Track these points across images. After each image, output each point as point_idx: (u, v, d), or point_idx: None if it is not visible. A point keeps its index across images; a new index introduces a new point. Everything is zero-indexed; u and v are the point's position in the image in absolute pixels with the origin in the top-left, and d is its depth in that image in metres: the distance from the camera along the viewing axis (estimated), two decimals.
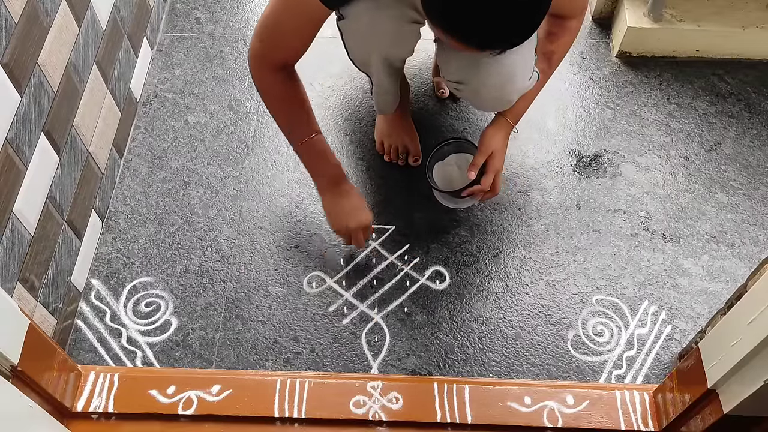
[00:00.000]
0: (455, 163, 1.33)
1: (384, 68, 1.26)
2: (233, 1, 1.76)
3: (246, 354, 1.24)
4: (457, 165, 1.33)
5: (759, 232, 1.40)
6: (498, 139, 1.26)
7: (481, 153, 1.25)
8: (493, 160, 1.25)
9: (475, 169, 1.24)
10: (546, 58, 1.24)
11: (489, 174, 1.25)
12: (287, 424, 1.13)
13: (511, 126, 1.28)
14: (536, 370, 1.24)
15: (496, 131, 1.27)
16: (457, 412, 1.14)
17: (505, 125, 1.27)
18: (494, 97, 1.23)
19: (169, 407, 1.13)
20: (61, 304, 1.21)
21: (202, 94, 1.58)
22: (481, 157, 1.25)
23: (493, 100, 1.24)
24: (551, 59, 1.24)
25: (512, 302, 1.31)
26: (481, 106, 1.33)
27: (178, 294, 1.30)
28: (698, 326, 1.28)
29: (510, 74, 1.17)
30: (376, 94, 1.35)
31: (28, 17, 1.06)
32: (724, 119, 1.57)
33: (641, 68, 1.65)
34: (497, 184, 1.28)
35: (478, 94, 1.24)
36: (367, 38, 1.17)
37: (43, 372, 1.01)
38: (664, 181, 1.47)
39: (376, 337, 1.26)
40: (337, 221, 1.27)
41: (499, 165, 1.26)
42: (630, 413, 1.14)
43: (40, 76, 1.10)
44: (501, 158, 1.27)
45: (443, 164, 1.33)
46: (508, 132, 1.28)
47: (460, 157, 1.33)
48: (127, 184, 1.44)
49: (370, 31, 1.15)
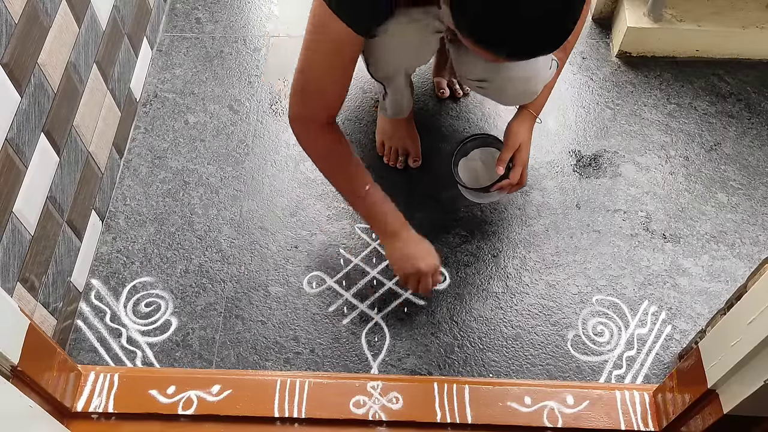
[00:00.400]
0: (480, 158, 1.34)
1: (404, 78, 1.27)
2: (233, 1, 1.76)
3: (246, 354, 1.24)
4: (481, 160, 1.34)
5: (759, 232, 1.40)
6: (523, 131, 1.27)
7: (508, 147, 1.26)
8: (521, 153, 1.26)
9: (503, 164, 1.25)
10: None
11: (517, 167, 1.26)
12: (287, 424, 1.13)
13: (535, 117, 1.28)
14: (536, 370, 1.24)
15: (520, 124, 1.27)
16: (457, 412, 1.14)
17: (529, 117, 1.27)
18: (521, 92, 1.23)
19: (169, 407, 1.13)
20: (61, 304, 1.21)
21: (202, 94, 1.58)
22: (509, 151, 1.25)
23: (519, 94, 1.24)
24: (566, 46, 1.23)
25: (512, 302, 1.31)
26: (506, 102, 1.32)
27: (178, 294, 1.30)
28: (698, 326, 1.28)
29: (535, 68, 1.17)
30: (393, 101, 1.35)
31: (28, 17, 1.06)
32: (724, 119, 1.57)
33: (641, 68, 1.65)
34: (524, 176, 1.28)
35: (504, 91, 1.24)
36: (397, 53, 1.16)
37: (43, 372, 1.01)
38: (664, 181, 1.47)
39: (376, 337, 1.26)
40: (404, 267, 1.21)
41: (526, 157, 1.27)
42: (630, 413, 1.14)
43: (40, 76, 1.10)
44: (527, 150, 1.27)
45: (467, 160, 1.35)
46: (533, 123, 1.29)
47: (484, 152, 1.34)
48: (127, 184, 1.44)
49: (399, 46, 1.14)
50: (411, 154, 1.46)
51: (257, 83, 1.60)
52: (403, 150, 1.45)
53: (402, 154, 1.46)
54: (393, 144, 1.45)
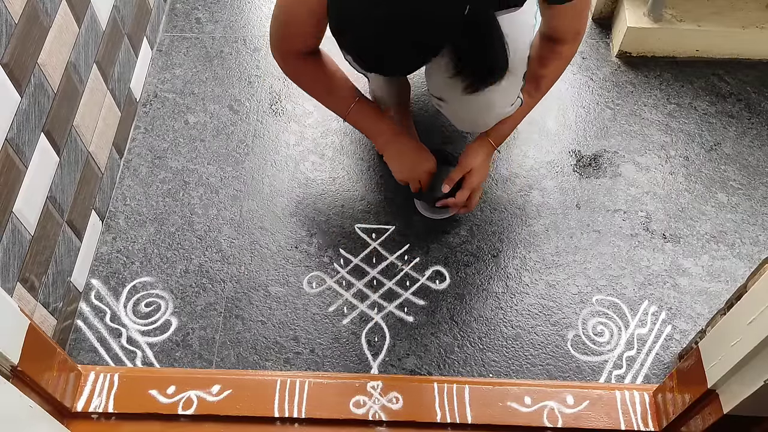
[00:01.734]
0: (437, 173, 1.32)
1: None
2: (233, 1, 1.76)
3: (246, 354, 1.24)
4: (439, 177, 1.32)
5: (759, 232, 1.40)
6: (478, 157, 1.27)
7: (458, 168, 1.27)
8: (471, 178, 1.27)
9: (450, 183, 1.27)
10: (535, 81, 1.21)
11: (464, 190, 1.27)
12: (287, 424, 1.13)
13: (493, 147, 1.28)
14: (536, 370, 1.24)
15: (476, 150, 1.27)
16: (457, 412, 1.14)
17: (486, 145, 1.27)
18: (472, 120, 1.23)
19: (169, 407, 1.13)
20: (61, 304, 1.21)
21: (202, 94, 1.58)
22: (458, 172, 1.27)
23: (472, 121, 1.24)
24: (539, 84, 1.22)
25: (512, 302, 1.31)
26: (460, 126, 1.32)
27: (178, 294, 1.30)
28: (698, 326, 1.28)
29: (488, 102, 1.16)
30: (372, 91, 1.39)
31: (28, 17, 1.06)
32: (724, 119, 1.57)
33: (641, 68, 1.65)
34: (472, 200, 1.30)
35: (457, 114, 1.24)
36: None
37: (43, 372, 1.01)
38: (664, 181, 1.47)
39: (376, 337, 1.27)
40: (401, 171, 1.30)
41: (475, 183, 1.27)
42: (630, 413, 1.14)
43: (40, 76, 1.10)
44: (479, 176, 1.27)
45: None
46: (490, 152, 1.29)
47: (442, 169, 1.32)
48: (127, 184, 1.44)
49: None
50: None
51: (257, 83, 1.60)
52: None
53: None
54: None
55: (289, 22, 1.13)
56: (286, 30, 1.14)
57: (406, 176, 1.30)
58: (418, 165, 1.29)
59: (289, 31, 1.14)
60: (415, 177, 1.29)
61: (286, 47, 1.17)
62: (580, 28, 1.16)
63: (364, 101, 1.25)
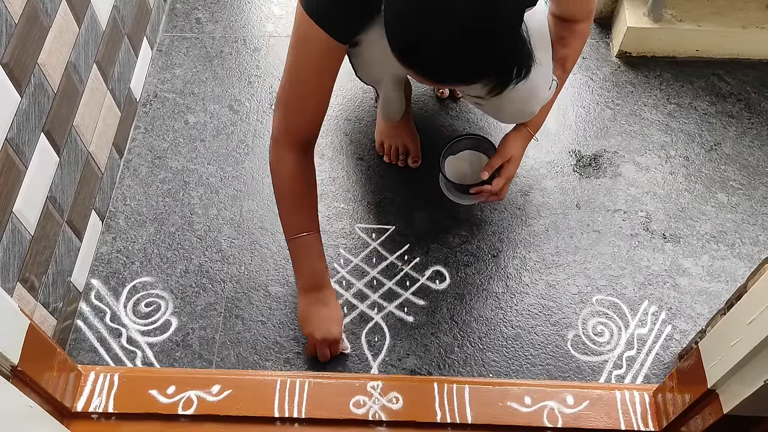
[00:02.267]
0: (468, 159, 1.34)
1: (393, 84, 1.27)
2: (233, 1, 1.76)
3: (246, 354, 1.24)
4: (469, 162, 1.34)
5: (759, 232, 1.40)
6: (517, 146, 1.27)
7: (498, 156, 1.26)
8: (509, 166, 1.26)
9: (490, 170, 1.26)
10: (560, 64, 1.23)
11: (501, 178, 1.26)
12: (287, 424, 1.13)
13: (531, 135, 1.28)
14: (536, 370, 1.24)
15: (515, 139, 1.27)
16: (457, 412, 1.14)
17: (525, 134, 1.28)
18: (517, 111, 1.23)
19: (169, 407, 1.13)
20: (61, 304, 1.21)
21: (202, 94, 1.58)
22: (498, 160, 1.26)
23: (516, 113, 1.24)
24: (565, 65, 1.24)
25: (512, 302, 1.31)
26: (503, 119, 1.32)
27: (178, 294, 1.30)
28: (698, 326, 1.28)
29: (533, 88, 1.15)
30: (383, 105, 1.36)
31: (28, 17, 1.06)
32: (724, 119, 1.57)
33: (641, 68, 1.65)
34: (504, 189, 1.29)
35: (500, 109, 1.24)
36: (380, 59, 1.16)
37: (43, 372, 1.01)
38: (664, 181, 1.47)
39: (376, 337, 1.26)
40: (307, 327, 1.21)
41: (512, 172, 1.27)
42: (630, 413, 1.14)
43: (40, 76, 1.10)
44: (516, 165, 1.28)
45: (456, 158, 1.35)
46: (528, 140, 1.29)
47: (474, 155, 1.34)
48: (127, 184, 1.44)
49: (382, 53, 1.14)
50: (411, 154, 1.46)
51: (257, 83, 1.60)
52: (403, 149, 1.45)
53: (402, 153, 1.46)
54: (392, 143, 1.45)
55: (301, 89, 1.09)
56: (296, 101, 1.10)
57: (308, 331, 1.21)
58: (322, 328, 1.20)
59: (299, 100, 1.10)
60: (317, 337, 1.19)
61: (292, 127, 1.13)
62: (591, 6, 1.18)
63: (318, 237, 1.20)
